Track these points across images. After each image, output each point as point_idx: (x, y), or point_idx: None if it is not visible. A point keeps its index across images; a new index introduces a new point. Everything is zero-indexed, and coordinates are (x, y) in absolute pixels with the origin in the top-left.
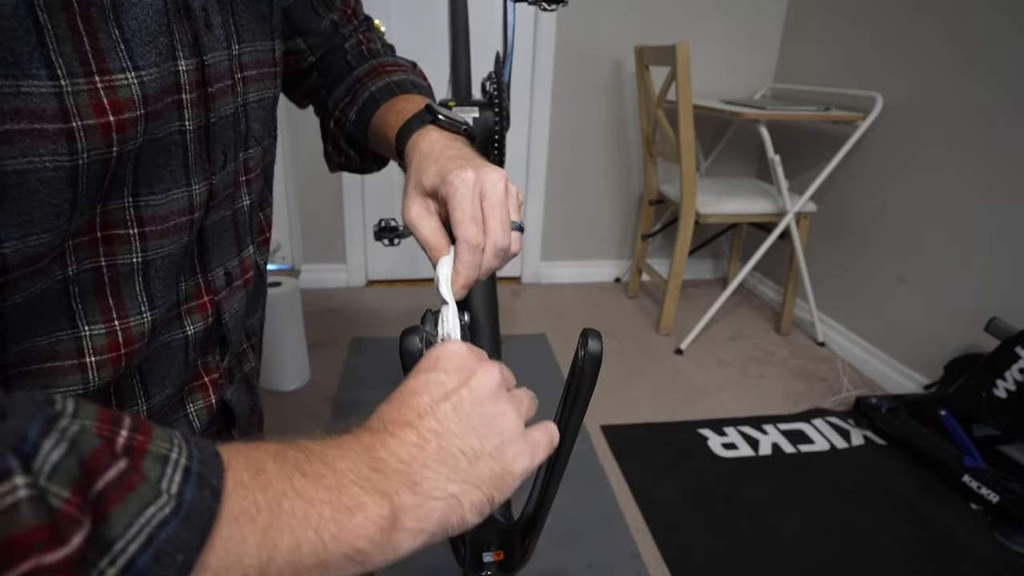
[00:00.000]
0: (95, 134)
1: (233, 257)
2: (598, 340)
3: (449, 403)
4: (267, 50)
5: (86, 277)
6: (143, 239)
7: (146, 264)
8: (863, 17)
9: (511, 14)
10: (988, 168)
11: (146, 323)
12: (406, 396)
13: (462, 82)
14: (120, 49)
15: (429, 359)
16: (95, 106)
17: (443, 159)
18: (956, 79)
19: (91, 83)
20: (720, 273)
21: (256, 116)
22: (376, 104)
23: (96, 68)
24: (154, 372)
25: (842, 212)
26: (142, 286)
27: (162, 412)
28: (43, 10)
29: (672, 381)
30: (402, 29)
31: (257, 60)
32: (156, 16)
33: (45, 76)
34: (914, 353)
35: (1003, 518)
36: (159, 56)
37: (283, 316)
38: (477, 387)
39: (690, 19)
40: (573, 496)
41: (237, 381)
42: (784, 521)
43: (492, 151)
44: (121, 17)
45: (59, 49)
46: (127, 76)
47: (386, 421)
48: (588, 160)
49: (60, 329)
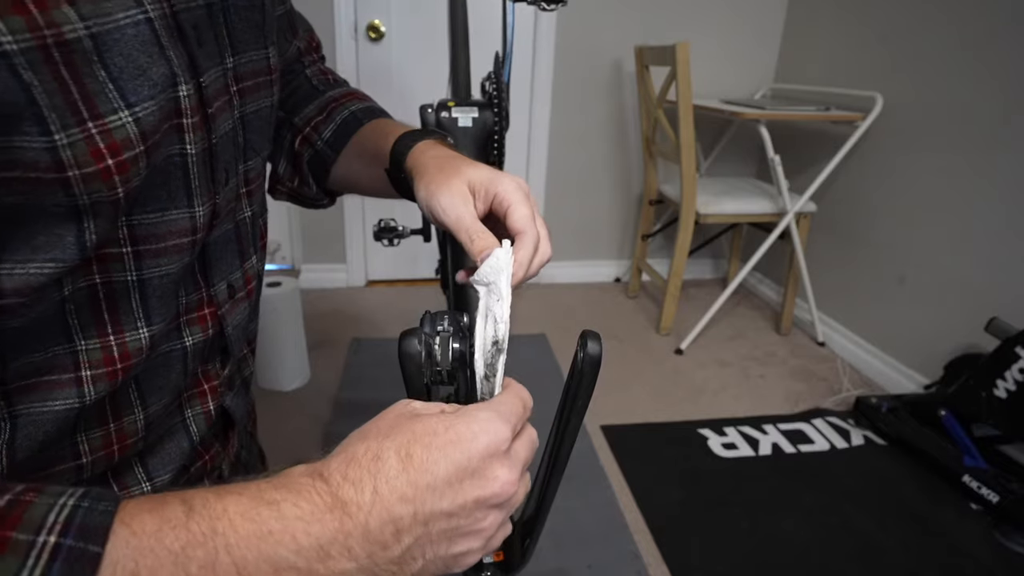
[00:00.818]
0: (95, 179)
1: (236, 269)
2: (597, 342)
3: (450, 507)
4: (262, 59)
5: (81, 294)
6: (137, 258)
7: (142, 283)
8: (863, 17)
9: (511, 14)
10: (988, 168)
11: (143, 339)
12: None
13: (462, 82)
14: (109, 90)
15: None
16: (93, 152)
17: (480, 166)
18: (956, 79)
19: (85, 131)
20: (720, 273)
21: (254, 127)
22: (358, 123)
23: (88, 115)
24: (152, 382)
25: (842, 212)
26: (138, 303)
27: (159, 419)
28: (26, 68)
29: (672, 381)
30: (402, 29)
31: (253, 70)
32: (144, 47)
33: (37, 132)
34: (914, 353)
35: (1003, 518)
36: (152, 88)
37: (283, 316)
38: (485, 502)
39: (690, 19)
40: (573, 496)
41: (237, 387)
42: (784, 521)
43: (492, 151)
44: (105, 57)
45: (50, 103)
46: (120, 116)
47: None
48: (588, 160)
49: (56, 344)
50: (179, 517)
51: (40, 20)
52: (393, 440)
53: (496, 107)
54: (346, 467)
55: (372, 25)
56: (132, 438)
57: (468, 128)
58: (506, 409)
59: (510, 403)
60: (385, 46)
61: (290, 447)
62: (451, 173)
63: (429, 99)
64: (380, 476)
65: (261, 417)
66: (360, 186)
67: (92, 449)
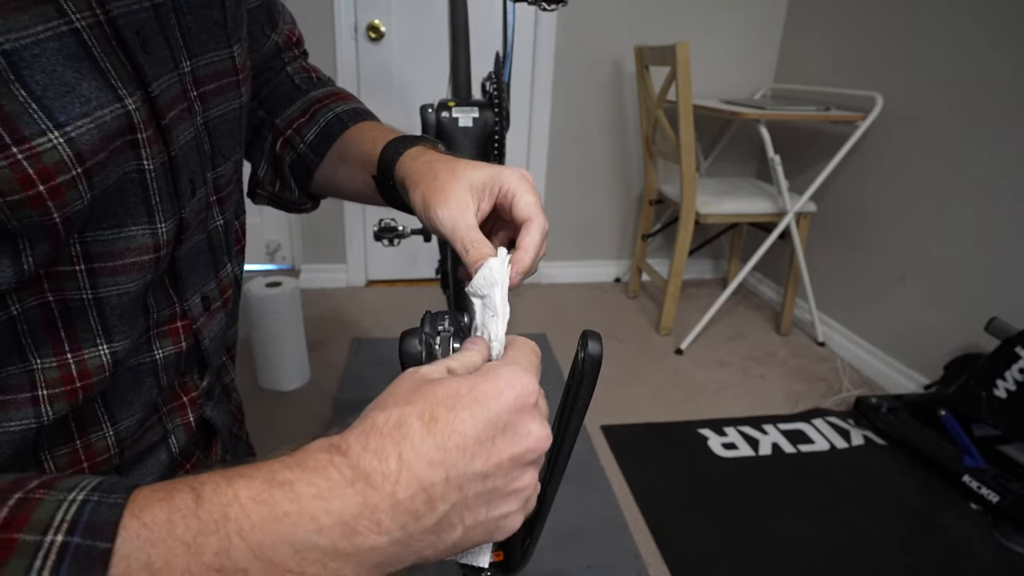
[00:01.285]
0: (24, 206)
1: (210, 280)
2: (598, 342)
3: (484, 468)
4: (225, 58)
5: (33, 313)
6: (91, 275)
7: (99, 300)
8: (863, 17)
9: (511, 14)
10: (988, 168)
11: (103, 356)
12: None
13: (462, 82)
14: (33, 110)
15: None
16: (20, 179)
17: (478, 165)
18: (956, 79)
19: (9, 156)
20: (720, 273)
21: (221, 132)
22: (343, 126)
23: (11, 139)
24: (119, 397)
25: (842, 212)
26: (96, 320)
27: (135, 436)
28: None
29: (672, 381)
30: (402, 29)
31: (214, 72)
32: (69, 61)
33: None
34: (914, 353)
35: (1003, 518)
36: (85, 105)
37: (283, 316)
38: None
39: (690, 19)
40: (573, 496)
41: (217, 395)
42: (784, 521)
43: (492, 151)
44: (24, 75)
45: None
46: (50, 138)
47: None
48: (588, 160)
49: (10, 364)
50: (189, 505)
51: None
52: (415, 405)
53: (496, 107)
54: (366, 437)
55: (372, 25)
56: (103, 455)
57: (468, 128)
58: (526, 361)
59: (526, 356)
60: (385, 46)
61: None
62: (447, 178)
63: (429, 99)
64: (405, 443)
65: (261, 417)
66: (344, 192)
67: (59, 467)
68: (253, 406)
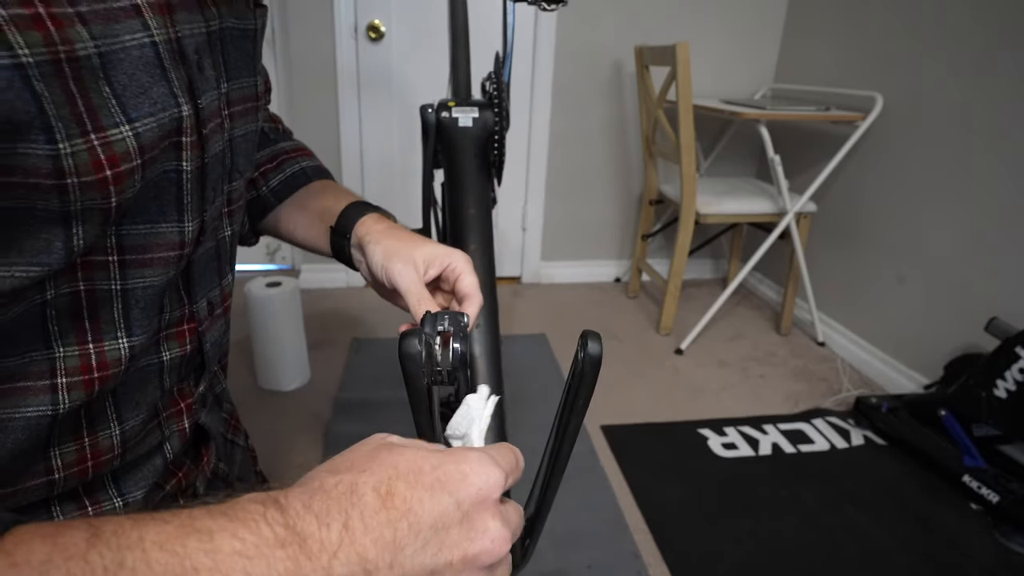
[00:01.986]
0: (92, 188)
1: (215, 287)
2: (598, 342)
3: (433, 562)
4: (251, 85)
5: (64, 300)
6: (122, 267)
7: (125, 292)
8: (863, 17)
9: (511, 14)
10: (988, 167)
11: (122, 349)
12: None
13: (462, 82)
14: (112, 105)
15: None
16: (94, 163)
17: (430, 243)
18: (956, 79)
19: (88, 141)
20: (720, 273)
21: (241, 150)
22: (307, 179)
23: (92, 127)
24: (128, 396)
25: (842, 212)
26: (120, 313)
27: (137, 438)
28: (39, 80)
29: (672, 381)
30: (402, 29)
31: (242, 96)
32: (147, 68)
33: (43, 141)
34: (914, 353)
35: (1003, 518)
36: (153, 106)
37: (283, 316)
38: (473, 560)
39: (690, 19)
40: (573, 497)
41: (210, 403)
42: (784, 521)
43: (492, 151)
44: (111, 74)
45: (58, 114)
46: (121, 130)
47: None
48: (588, 160)
49: (34, 349)
50: (78, 545)
51: (56, 36)
52: (372, 474)
53: (496, 107)
54: (310, 497)
55: (372, 25)
56: (107, 455)
57: (468, 128)
58: (500, 457)
59: (504, 451)
60: (385, 46)
61: (290, 447)
62: (407, 244)
63: (429, 99)
64: (354, 511)
65: (261, 417)
66: (293, 236)
67: (65, 464)
68: (253, 406)
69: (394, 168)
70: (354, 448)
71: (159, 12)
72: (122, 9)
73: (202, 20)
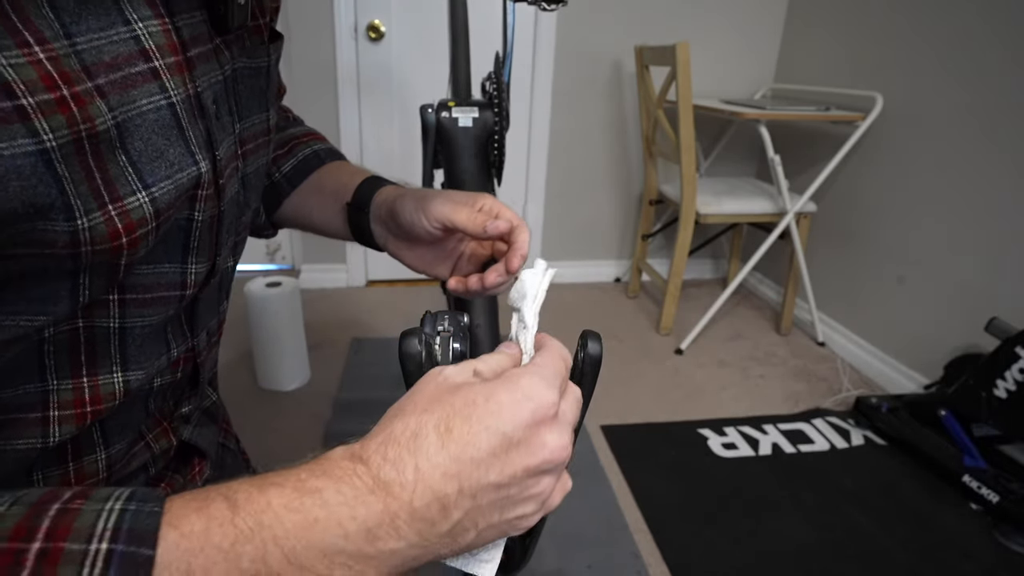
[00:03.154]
0: (105, 253)
1: (214, 317)
2: (598, 342)
3: (498, 479)
4: (263, 121)
5: (62, 337)
6: (122, 305)
7: (123, 330)
8: (863, 17)
9: (511, 14)
10: (988, 168)
11: (116, 384)
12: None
13: (462, 82)
14: (128, 174)
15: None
16: (111, 233)
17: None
18: (956, 79)
19: (105, 213)
20: (720, 273)
21: (251, 185)
22: (320, 161)
23: (109, 198)
24: (116, 421)
25: (842, 212)
26: (116, 348)
27: (123, 460)
28: (60, 162)
29: (672, 381)
30: (402, 29)
31: (254, 133)
32: (163, 130)
33: (63, 219)
34: (914, 353)
35: (1003, 518)
36: (169, 168)
37: (283, 316)
38: (535, 469)
39: (690, 19)
40: (573, 496)
41: (196, 419)
42: (784, 521)
43: (492, 151)
44: (127, 142)
45: (76, 192)
46: (138, 197)
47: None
48: (588, 160)
49: (29, 383)
50: (224, 514)
51: (78, 116)
52: (432, 415)
53: (496, 107)
54: (385, 447)
55: (372, 25)
56: (92, 479)
57: (468, 128)
58: (549, 372)
59: (552, 364)
60: (385, 46)
61: (290, 447)
62: (434, 192)
63: (429, 99)
64: (420, 454)
65: (261, 417)
66: (310, 220)
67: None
68: (253, 406)
69: (394, 168)
70: (418, 386)
71: (177, 72)
72: (140, 74)
73: (218, 68)
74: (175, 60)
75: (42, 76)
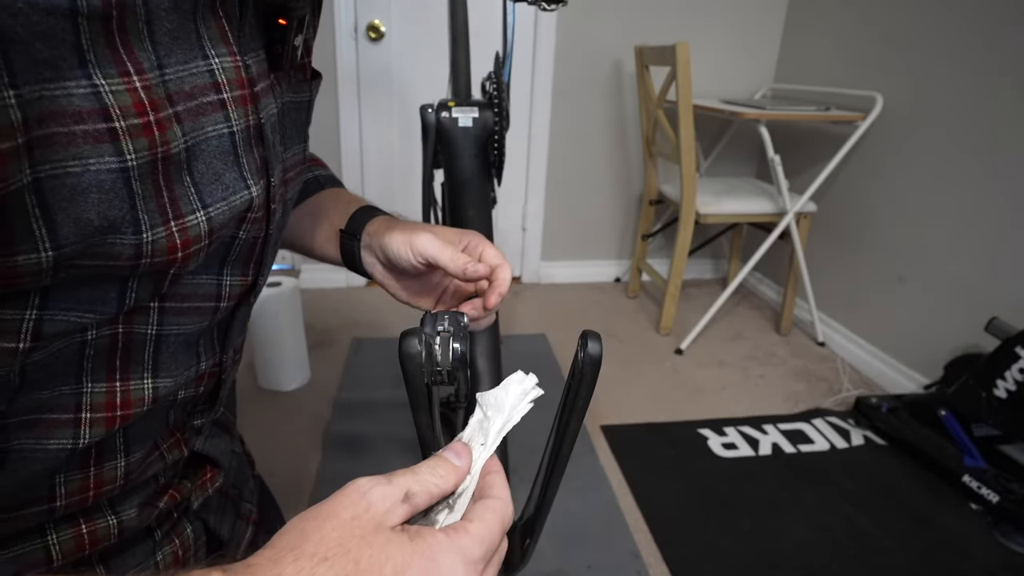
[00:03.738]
0: (162, 265)
1: (241, 336)
2: (597, 342)
3: None
4: (301, 151)
5: (104, 341)
6: (161, 313)
7: (159, 337)
8: (863, 17)
9: (511, 14)
10: (988, 167)
11: (146, 390)
12: None
13: (462, 82)
14: (191, 194)
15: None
16: (169, 247)
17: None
18: (956, 79)
19: (168, 229)
20: (720, 273)
21: (288, 210)
22: (319, 186)
23: (172, 215)
24: (138, 428)
25: (842, 212)
26: (150, 355)
27: (140, 468)
28: (136, 180)
29: (672, 381)
30: (402, 29)
31: (295, 162)
32: (222, 156)
33: (131, 232)
34: (914, 353)
35: (1003, 518)
36: (225, 191)
37: (283, 316)
38: None
39: (690, 19)
40: (573, 496)
41: (207, 430)
42: (784, 521)
43: (492, 151)
44: (192, 164)
45: (146, 208)
46: (197, 216)
47: None
48: (588, 160)
49: (65, 384)
50: None
51: (158, 139)
52: (330, 567)
53: (496, 107)
54: (273, 563)
55: (372, 25)
56: (110, 485)
57: (468, 128)
58: (477, 552)
59: (487, 539)
60: (385, 46)
61: (290, 447)
62: (423, 227)
63: (429, 99)
64: None
65: (261, 417)
66: (302, 243)
67: (68, 493)
68: (253, 406)
69: (394, 168)
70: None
71: (242, 104)
72: (210, 103)
73: (274, 101)
74: (241, 93)
75: (135, 103)
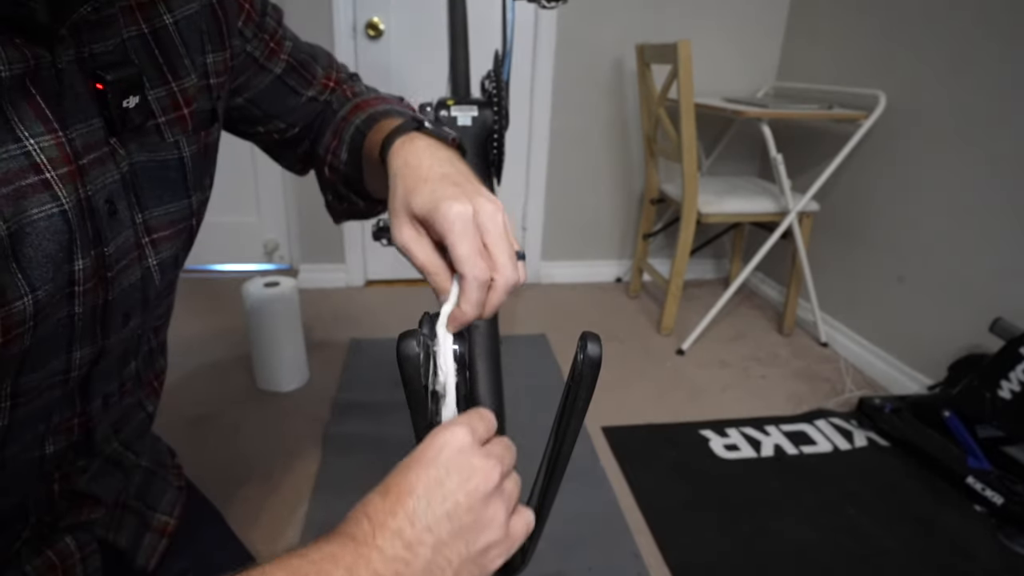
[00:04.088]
0: None
1: (113, 381)
2: (597, 344)
3: (444, 509)
4: (183, 207)
5: None
6: (14, 408)
7: (10, 425)
8: (866, 15)
9: (510, 12)
10: (992, 166)
11: None
12: (402, 496)
13: (461, 81)
14: (19, 280)
15: (432, 448)
16: None
17: (433, 179)
18: (959, 77)
19: None
20: (722, 273)
21: (167, 268)
22: (362, 136)
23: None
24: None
25: (845, 211)
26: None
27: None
28: None
29: (673, 382)
30: (401, 27)
31: (170, 220)
32: (55, 235)
33: None
34: (918, 354)
35: (1007, 520)
36: (55, 270)
37: (281, 316)
38: (475, 492)
39: (692, 17)
40: (574, 498)
41: (94, 468)
42: (786, 522)
43: (491, 151)
44: (18, 249)
45: None
46: (24, 301)
47: (376, 525)
48: (589, 159)
49: None
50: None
51: None
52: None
53: (496, 106)
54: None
55: (371, 23)
56: None
57: (467, 127)
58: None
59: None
60: (384, 44)
61: (289, 448)
62: (402, 203)
63: (428, 97)
64: (369, 507)
65: (260, 418)
66: (381, 194)
67: None
68: (251, 407)
69: None
70: None
71: (70, 180)
72: (30, 186)
73: (114, 167)
74: (68, 169)
75: None
